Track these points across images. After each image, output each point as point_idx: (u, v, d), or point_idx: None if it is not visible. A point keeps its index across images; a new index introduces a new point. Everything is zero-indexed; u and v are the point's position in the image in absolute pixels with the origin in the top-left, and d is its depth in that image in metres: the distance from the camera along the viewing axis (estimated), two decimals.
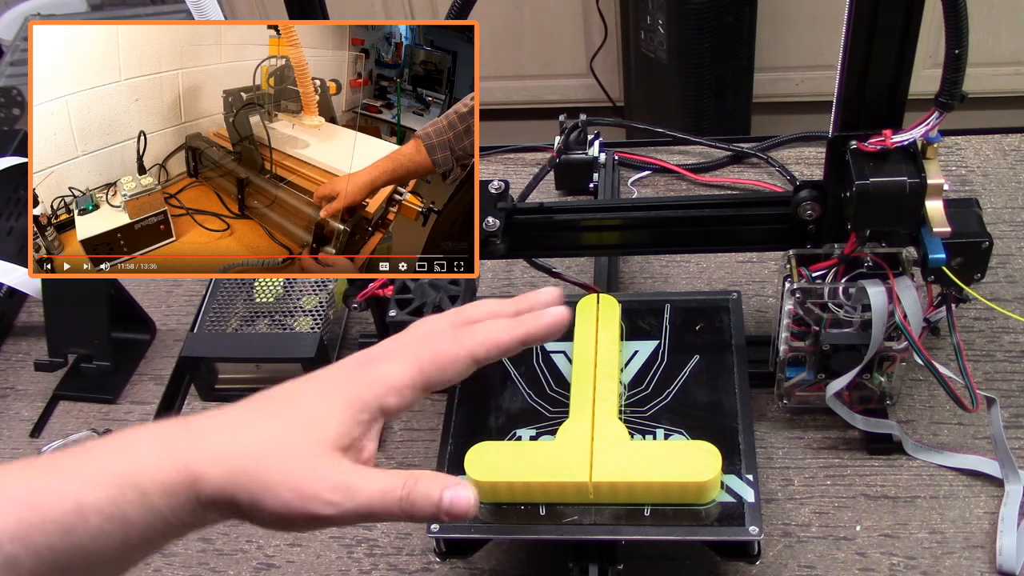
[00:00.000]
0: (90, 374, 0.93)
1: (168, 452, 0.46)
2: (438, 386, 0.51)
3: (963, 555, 0.71)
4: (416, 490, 0.48)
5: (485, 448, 0.69)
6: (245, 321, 0.91)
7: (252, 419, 0.49)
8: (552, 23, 2.15)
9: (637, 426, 0.71)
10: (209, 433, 0.48)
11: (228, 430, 0.48)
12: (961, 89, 0.61)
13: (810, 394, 0.78)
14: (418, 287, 0.70)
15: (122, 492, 0.44)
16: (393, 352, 0.52)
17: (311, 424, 0.48)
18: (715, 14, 1.86)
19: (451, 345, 0.51)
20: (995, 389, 0.81)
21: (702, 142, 1.08)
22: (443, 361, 0.51)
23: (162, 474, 0.45)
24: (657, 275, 0.96)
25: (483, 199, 0.74)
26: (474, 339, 0.52)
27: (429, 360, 0.51)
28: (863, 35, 0.62)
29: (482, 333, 0.52)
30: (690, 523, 0.65)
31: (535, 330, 0.53)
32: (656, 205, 0.77)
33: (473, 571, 0.74)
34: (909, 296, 0.69)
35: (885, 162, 0.65)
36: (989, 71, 2.00)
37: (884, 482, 0.76)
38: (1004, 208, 0.98)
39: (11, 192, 1.07)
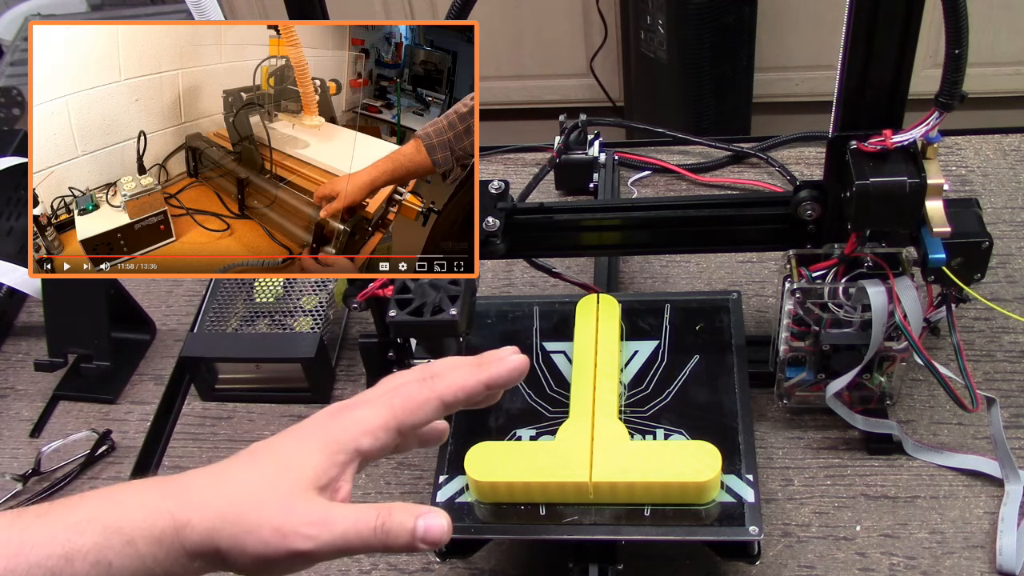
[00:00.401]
0: (90, 374, 0.93)
1: (154, 502, 0.49)
2: (410, 429, 0.54)
3: (963, 555, 0.71)
4: (390, 520, 0.50)
5: (485, 448, 0.69)
6: (245, 321, 0.91)
7: (235, 470, 0.51)
8: (552, 23, 2.15)
9: (637, 426, 0.71)
10: (194, 485, 0.50)
11: (212, 481, 0.51)
12: (961, 89, 0.61)
13: (810, 394, 0.78)
14: (418, 287, 0.70)
15: (109, 539, 0.46)
16: (366, 400, 0.55)
17: (290, 468, 0.51)
18: (715, 14, 1.86)
19: (421, 390, 0.54)
20: (995, 389, 0.81)
21: (702, 142, 1.08)
22: (413, 405, 0.54)
23: (148, 522, 0.47)
24: (657, 275, 0.96)
25: (483, 199, 0.74)
26: (442, 383, 0.55)
27: (400, 405, 0.53)
28: (863, 35, 0.62)
29: (449, 378, 0.55)
30: (690, 523, 0.65)
31: (497, 374, 0.56)
32: (656, 205, 0.77)
33: (473, 571, 0.74)
34: (909, 296, 0.69)
35: (885, 162, 0.65)
36: (989, 71, 2.00)
37: (884, 482, 0.76)
38: (1004, 208, 0.98)
39: (11, 192, 1.07)
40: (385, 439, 0.53)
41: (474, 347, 0.80)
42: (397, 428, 0.53)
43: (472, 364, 0.56)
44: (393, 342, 0.84)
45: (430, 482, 0.72)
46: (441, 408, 0.54)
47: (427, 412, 0.54)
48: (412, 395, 0.54)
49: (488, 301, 0.84)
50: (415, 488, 0.80)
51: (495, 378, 0.55)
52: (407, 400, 0.53)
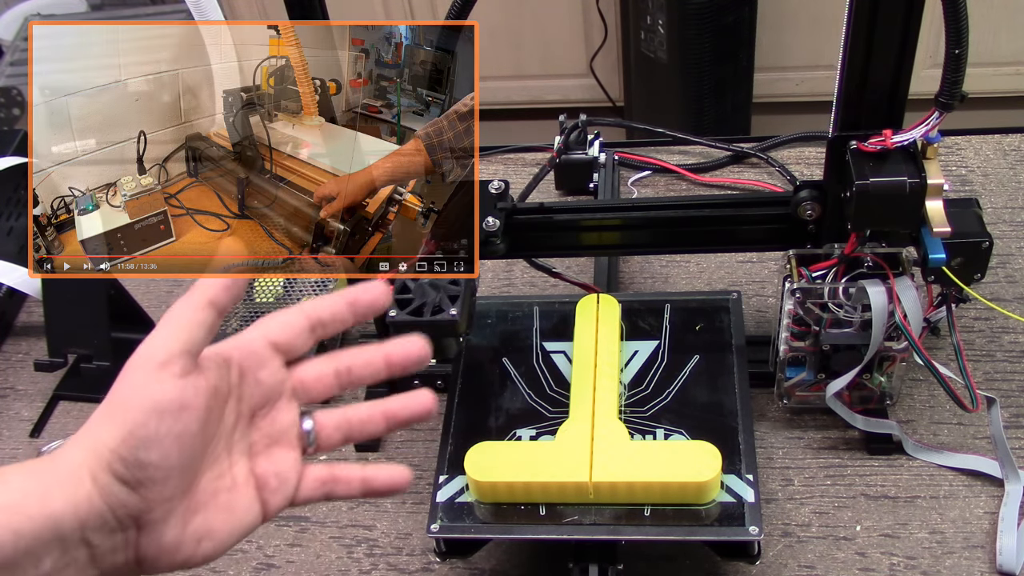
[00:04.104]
0: (90, 374, 0.93)
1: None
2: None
3: (963, 555, 0.71)
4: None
5: (485, 448, 0.69)
6: (245, 321, 0.91)
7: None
8: (552, 23, 2.15)
9: (637, 426, 0.71)
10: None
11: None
12: (961, 89, 0.61)
13: (810, 394, 0.78)
14: (418, 287, 0.70)
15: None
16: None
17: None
18: (715, 14, 1.86)
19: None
20: (995, 389, 0.81)
21: (702, 142, 1.08)
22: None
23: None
24: (657, 275, 0.96)
25: (483, 199, 0.74)
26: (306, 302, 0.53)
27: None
28: (863, 35, 0.62)
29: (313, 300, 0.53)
30: (690, 523, 0.65)
31: (358, 289, 0.53)
32: (656, 205, 0.77)
33: (473, 571, 0.74)
34: (909, 296, 0.69)
35: (885, 162, 0.65)
36: (989, 71, 2.00)
37: (884, 482, 0.76)
38: (1004, 208, 0.98)
39: (11, 192, 1.07)
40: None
41: (474, 347, 0.80)
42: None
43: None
44: None
45: (430, 482, 0.72)
46: (303, 315, 0.52)
47: (288, 315, 0.52)
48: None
49: (488, 301, 0.84)
50: (415, 488, 0.80)
51: (357, 293, 0.53)
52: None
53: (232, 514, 0.48)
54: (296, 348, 0.52)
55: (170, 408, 0.46)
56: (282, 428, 0.51)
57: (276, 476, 0.50)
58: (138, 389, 0.46)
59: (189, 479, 0.47)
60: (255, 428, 0.51)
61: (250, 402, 0.51)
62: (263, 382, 0.51)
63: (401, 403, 0.53)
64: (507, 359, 0.78)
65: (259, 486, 0.50)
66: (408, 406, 0.53)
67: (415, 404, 0.53)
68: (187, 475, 0.47)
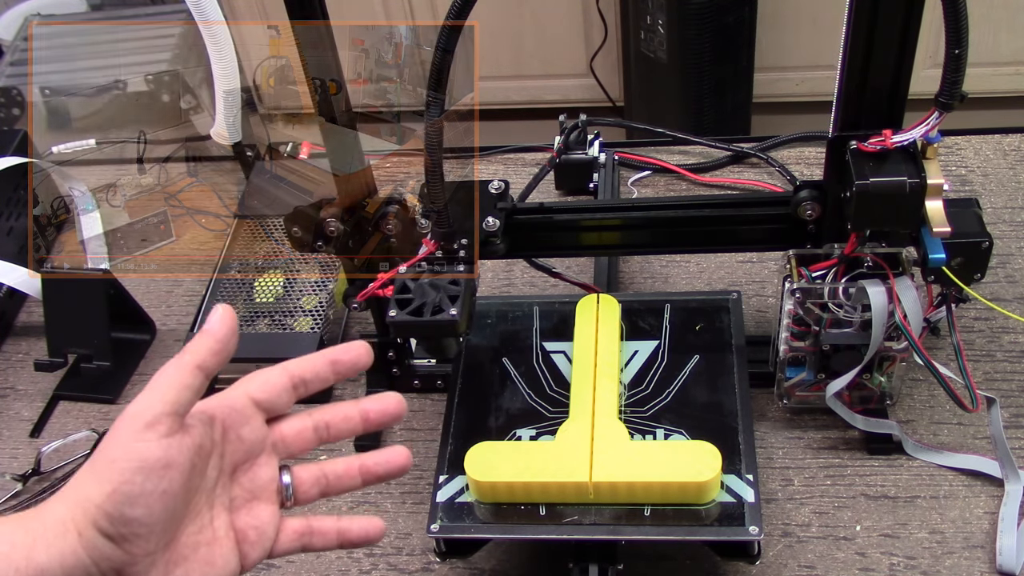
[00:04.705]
0: (90, 374, 0.93)
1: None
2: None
3: (963, 555, 0.71)
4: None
5: (485, 448, 0.69)
6: (245, 321, 0.91)
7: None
8: (552, 23, 2.15)
9: (637, 426, 0.71)
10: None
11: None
12: (961, 89, 0.61)
13: (810, 394, 0.78)
14: (418, 287, 0.70)
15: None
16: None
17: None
18: (715, 14, 1.86)
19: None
20: (995, 389, 0.81)
21: (702, 142, 1.08)
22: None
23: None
24: (657, 275, 0.96)
25: (483, 199, 0.74)
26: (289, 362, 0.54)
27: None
28: (863, 35, 0.62)
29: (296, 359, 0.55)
30: (690, 523, 0.65)
31: (337, 349, 0.55)
32: (656, 205, 0.77)
33: (473, 571, 0.74)
34: (909, 296, 0.69)
35: (885, 162, 0.65)
36: (989, 71, 2.00)
37: (884, 482, 0.76)
38: (1004, 208, 0.98)
39: (11, 192, 1.07)
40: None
41: (474, 347, 0.80)
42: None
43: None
44: (393, 342, 0.84)
45: (430, 482, 0.72)
46: (286, 374, 0.53)
47: (271, 375, 0.53)
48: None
49: (488, 301, 0.84)
50: (415, 488, 0.80)
51: (338, 353, 0.54)
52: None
53: (212, 567, 0.49)
54: (278, 406, 0.53)
55: (155, 466, 0.46)
56: (262, 483, 0.52)
57: (255, 530, 0.51)
58: (125, 447, 0.47)
59: (171, 533, 0.48)
60: (236, 483, 0.52)
61: (232, 458, 0.51)
62: (245, 439, 0.52)
63: (376, 459, 0.55)
64: (507, 359, 0.78)
65: (239, 539, 0.51)
66: (383, 463, 0.55)
67: (390, 461, 0.55)
68: (169, 529, 0.48)
